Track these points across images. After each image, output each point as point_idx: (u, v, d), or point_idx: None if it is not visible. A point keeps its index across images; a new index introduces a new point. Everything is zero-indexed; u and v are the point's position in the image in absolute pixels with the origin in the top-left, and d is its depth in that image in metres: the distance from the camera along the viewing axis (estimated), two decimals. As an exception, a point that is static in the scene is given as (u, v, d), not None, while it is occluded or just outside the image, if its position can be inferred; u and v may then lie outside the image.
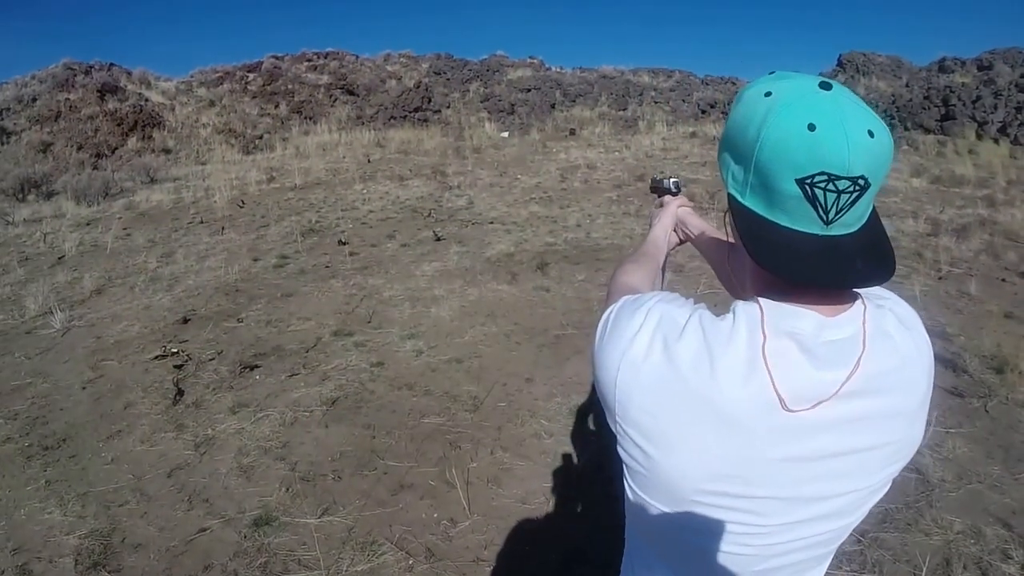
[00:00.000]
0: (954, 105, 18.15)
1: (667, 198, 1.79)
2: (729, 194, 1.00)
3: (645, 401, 0.96)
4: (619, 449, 1.04)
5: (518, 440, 4.24)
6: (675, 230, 1.72)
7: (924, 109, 18.84)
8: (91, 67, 21.82)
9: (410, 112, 23.09)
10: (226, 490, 3.79)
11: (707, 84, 29.64)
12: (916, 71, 25.64)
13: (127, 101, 20.01)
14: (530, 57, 30.59)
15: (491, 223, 10.25)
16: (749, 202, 0.95)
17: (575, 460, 4.03)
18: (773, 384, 0.91)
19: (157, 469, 4.02)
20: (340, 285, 7.35)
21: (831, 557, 1.15)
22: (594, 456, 4.03)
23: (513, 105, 24.36)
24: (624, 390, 0.98)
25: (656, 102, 25.95)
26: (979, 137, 16.70)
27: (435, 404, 4.68)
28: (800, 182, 0.86)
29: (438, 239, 9.17)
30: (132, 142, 18.23)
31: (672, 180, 1.83)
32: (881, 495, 1.07)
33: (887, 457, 1.00)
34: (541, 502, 3.65)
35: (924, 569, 3.03)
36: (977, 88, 19.11)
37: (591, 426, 4.38)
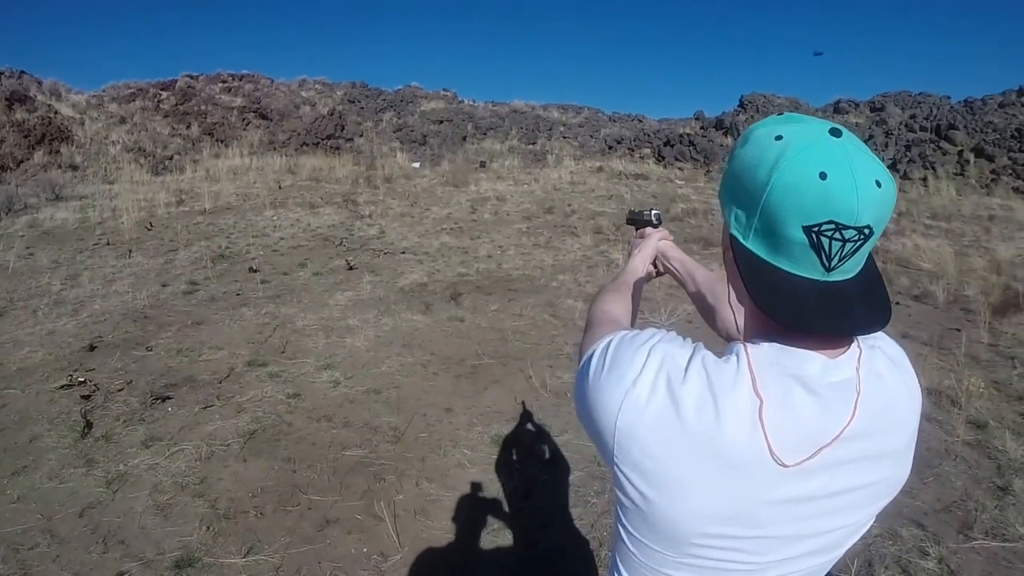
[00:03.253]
0: (848, 144, 19.22)
1: (648, 230, 1.78)
2: (731, 235, 1.00)
3: (648, 444, 0.96)
4: (616, 491, 1.04)
5: (442, 471, 4.27)
6: (654, 262, 1.73)
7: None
8: (0, 73, 20.96)
9: (323, 139, 23.01)
10: (143, 530, 3.61)
11: (614, 121, 30.56)
12: (813, 112, 26.90)
13: (36, 112, 19.20)
14: (444, 89, 30.99)
15: (403, 253, 10.35)
16: (752, 245, 0.95)
17: (501, 489, 4.08)
18: (769, 446, 0.92)
19: (68, 508, 3.79)
20: (252, 313, 7.28)
21: None
22: (520, 485, 4.12)
23: (425, 136, 24.58)
24: (625, 432, 0.97)
25: (565, 137, 26.60)
26: (871, 173, 17.76)
27: (355, 436, 4.67)
28: (807, 229, 0.87)
29: (351, 268, 9.20)
30: (38, 156, 17.57)
31: (653, 212, 1.82)
32: (866, 529, 1.09)
33: (876, 494, 1.03)
34: (471, 532, 3.68)
35: (853, 571, 3.26)
36: (870, 128, 20.46)
37: (514, 455, 4.48)
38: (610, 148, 24.78)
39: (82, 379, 5.38)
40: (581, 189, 16.60)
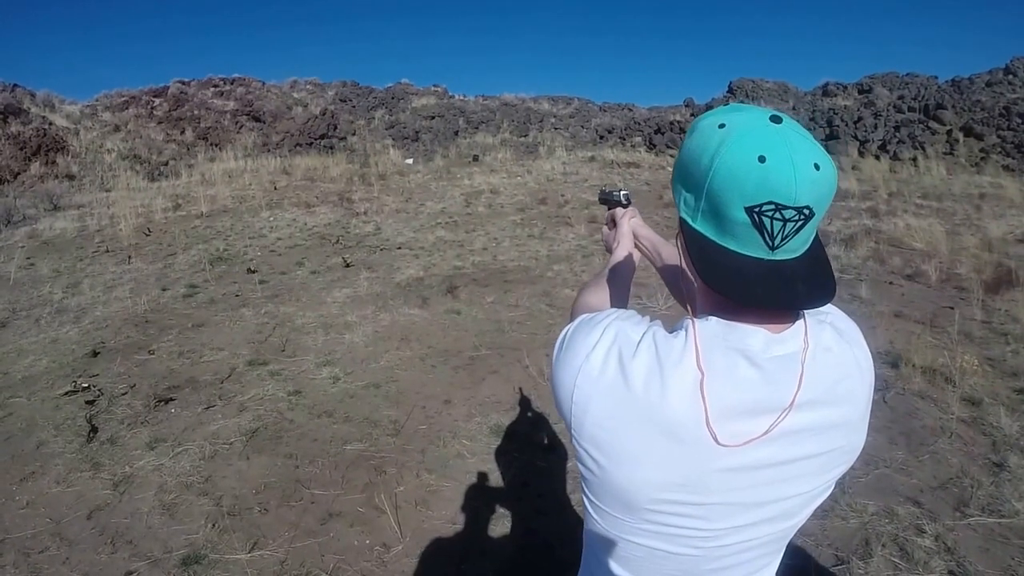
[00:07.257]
0: (837, 126, 19.30)
1: (618, 211, 1.78)
2: (681, 218, 1.03)
3: (600, 415, 1.01)
4: (577, 462, 1.08)
5: (442, 462, 4.32)
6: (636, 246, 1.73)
7: (810, 131, 19.79)
8: (-7, 87, 20.91)
9: (316, 139, 23.00)
10: (150, 530, 3.67)
11: (604, 111, 30.49)
12: (802, 95, 26.85)
13: (30, 124, 19.07)
14: (434, 85, 30.95)
15: (399, 248, 10.40)
16: (700, 226, 0.98)
17: (500, 478, 4.14)
18: (707, 418, 0.96)
19: (76, 511, 3.85)
20: (251, 314, 7.34)
21: (781, 554, 1.21)
22: (519, 473, 4.17)
23: (417, 132, 24.58)
24: (580, 404, 1.03)
25: (556, 128, 26.53)
26: (861, 155, 17.81)
27: (356, 430, 4.72)
28: (749, 210, 0.90)
29: (347, 265, 9.25)
30: (35, 167, 17.49)
31: (622, 193, 1.80)
32: (825, 496, 1.12)
33: (828, 463, 1.06)
34: (471, 521, 3.72)
35: (850, 550, 3.32)
36: (858, 110, 20.44)
37: (513, 444, 4.52)
38: (601, 138, 24.76)
39: (86, 385, 5.44)
40: (574, 179, 16.58)
